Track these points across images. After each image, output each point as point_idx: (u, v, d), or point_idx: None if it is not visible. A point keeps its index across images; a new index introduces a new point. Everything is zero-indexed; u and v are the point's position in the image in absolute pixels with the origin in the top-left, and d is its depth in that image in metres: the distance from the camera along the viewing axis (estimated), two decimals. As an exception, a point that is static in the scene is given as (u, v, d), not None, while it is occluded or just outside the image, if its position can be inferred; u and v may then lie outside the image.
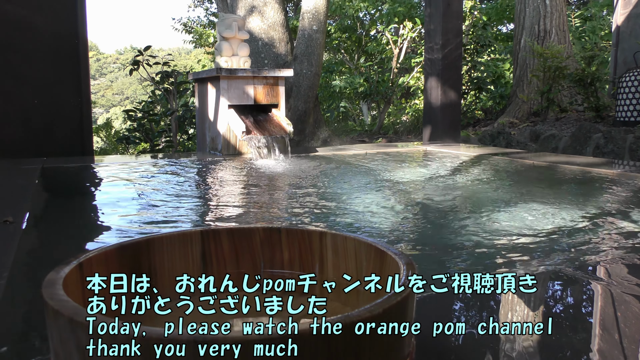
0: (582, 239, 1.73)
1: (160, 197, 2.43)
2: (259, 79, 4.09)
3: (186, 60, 32.71)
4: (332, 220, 2.02)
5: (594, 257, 1.54)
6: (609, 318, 1.22)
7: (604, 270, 1.46)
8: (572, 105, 7.14)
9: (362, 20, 11.62)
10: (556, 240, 1.72)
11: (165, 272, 0.89)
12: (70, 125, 4.81)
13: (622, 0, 6.60)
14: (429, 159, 4.05)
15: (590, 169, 3.16)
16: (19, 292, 1.16)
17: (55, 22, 4.63)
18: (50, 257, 1.57)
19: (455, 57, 5.25)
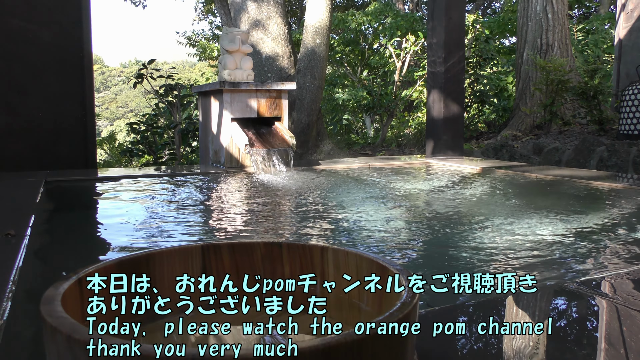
0: (586, 253, 1.72)
1: (162, 211, 2.43)
2: (262, 92, 4.11)
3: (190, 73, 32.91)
4: (334, 234, 2.02)
5: (598, 272, 1.53)
6: (615, 333, 1.20)
7: (609, 285, 1.44)
8: (575, 118, 7.14)
9: (365, 34, 11.68)
10: (560, 254, 1.71)
11: (166, 287, 0.89)
12: (74, 138, 4.83)
13: (624, 14, 6.63)
14: (432, 172, 4.05)
15: (595, 183, 3.15)
16: (20, 307, 1.16)
17: (61, 36, 4.66)
18: (52, 271, 1.56)
19: (457, 70, 5.26)
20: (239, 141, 3.85)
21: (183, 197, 2.94)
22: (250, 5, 6.43)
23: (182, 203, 2.72)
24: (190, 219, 2.34)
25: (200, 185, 3.36)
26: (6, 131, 4.05)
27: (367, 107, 9.24)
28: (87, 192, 3.11)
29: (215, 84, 4.02)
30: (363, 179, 3.58)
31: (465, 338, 1.03)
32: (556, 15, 7.65)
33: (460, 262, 1.62)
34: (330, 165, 4.30)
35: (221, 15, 15.18)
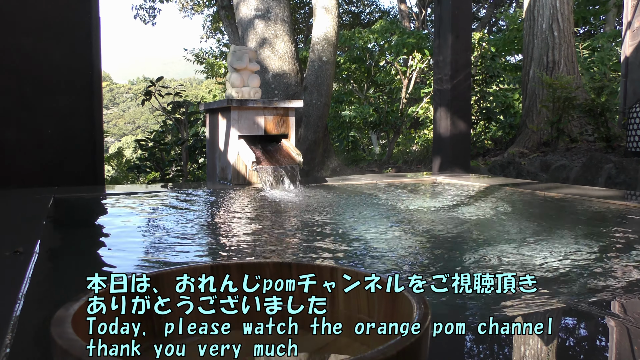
0: (596, 274, 1.70)
1: (170, 228, 2.43)
2: (269, 109, 4.13)
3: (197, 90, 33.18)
4: (343, 253, 2.01)
5: (608, 292, 1.52)
6: (626, 353, 1.19)
7: (619, 306, 1.43)
8: (582, 135, 7.13)
9: (371, 51, 11.76)
10: (569, 274, 1.70)
11: (174, 307, 0.88)
12: (83, 154, 4.86)
13: (629, 32, 6.64)
14: (439, 190, 4.04)
15: (603, 201, 3.13)
16: (29, 327, 1.16)
17: (71, 54, 4.72)
18: (60, 289, 1.56)
19: (464, 88, 5.28)
20: (246, 158, 3.86)
21: (190, 214, 2.95)
22: (258, 23, 6.50)
23: (189, 220, 2.73)
24: (198, 236, 2.34)
25: (207, 202, 3.36)
26: (16, 147, 4.08)
27: (373, 124, 9.27)
28: (95, 209, 3.12)
29: (223, 101, 4.05)
30: (370, 197, 3.58)
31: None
32: (562, 33, 7.68)
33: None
34: (337, 182, 4.30)
35: (229, 33, 15.34)
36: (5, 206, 2.87)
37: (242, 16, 6.68)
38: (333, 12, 6.68)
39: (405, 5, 20.56)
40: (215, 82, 15.43)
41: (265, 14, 6.50)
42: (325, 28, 6.64)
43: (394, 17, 22.66)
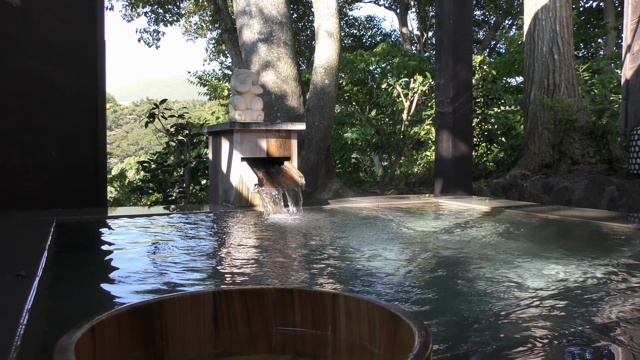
0: (600, 298, 1.69)
1: (173, 252, 2.43)
2: (271, 132, 4.16)
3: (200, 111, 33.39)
4: (344, 278, 2.00)
5: (613, 317, 1.51)
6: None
7: (624, 331, 1.42)
8: (584, 157, 7.14)
9: (373, 74, 11.85)
10: (573, 298, 1.69)
11: (177, 334, 0.88)
12: (86, 176, 4.88)
13: (629, 55, 6.69)
14: (442, 212, 4.04)
15: (606, 224, 3.13)
16: (31, 353, 1.15)
17: (76, 76, 4.77)
18: (62, 314, 1.56)
19: (465, 110, 5.31)
20: (249, 181, 3.87)
21: (193, 237, 2.95)
22: (261, 47, 6.57)
23: (192, 243, 2.73)
24: (200, 260, 2.33)
25: (209, 225, 3.37)
26: (20, 169, 4.11)
27: (375, 146, 9.30)
28: (97, 232, 3.12)
29: (226, 124, 4.08)
30: (372, 219, 3.58)
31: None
32: (562, 56, 7.75)
33: (473, 309, 1.60)
34: (339, 204, 4.30)
35: (232, 56, 15.51)
36: (8, 228, 2.87)
37: (245, 40, 6.76)
38: (335, 35, 6.75)
39: (406, 29, 20.79)
40: (218, 104, 15.54)
41: (268, 38, 6.58)
42: (327, 51, 6.71)
43: (395, 40, 22.90)
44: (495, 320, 1.48)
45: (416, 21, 22.46)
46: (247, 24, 6.70)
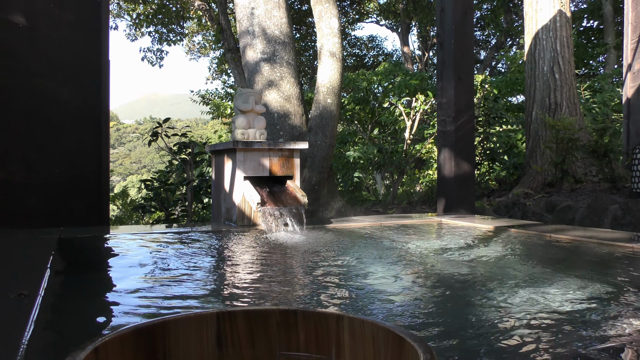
0: (604, 320, 1.68)
1: (175, 272, 2.43)
2: (274, 151, 4.17)
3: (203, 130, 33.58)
4: (348, 298, 1.99)
5: (618, 339, 1.49)
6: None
7: (630, 354, 1.40)
8: (586, 176, 7.13)
9: (375, 93, 11.93)
10: (577, 319, 1.67)
11: (181, 355, 0.88)
12: (88, 194, 4.89)
13: (630, 74, 6.73)
14: (445, 232, 4.03)
15: (610, 243, 3.11)
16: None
17: (80, 95, 4.81)
18: (65, 334, 1.55)
19: (467, 129, 5.32)
20: (251, 199, 3.88)
21: (196, 256, 2.94)
22: (264, 66, 6.63)
23: (194, 262, 2.72)
24: (202, 279, 2.33)
25: (212, 244, 3.36)
26: (23, 187, 4.12)
27: (377, 165, 9.31)
28: (99, 251, 3.12)
29: (229, 143, 4.10)
30: (375, 239, 3.57)
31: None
32: (563, 75, 7.79)
33: (478, 330, 1.59)
34: (341, 223, 4.29)
35: (235, 75, 15.63)
36: (11, 247, 2.87)
37: (248, 59, 6.82)
38: (338, 55, 6.81)
39: (408, 48, 20.97)
40: (221, 123, 15.62)
41: (271, 57, 6.64)
42: (330, 71, 6.76)
43: (397, 59, 23.07)
44: (500, 342, 1.47)
45: (417, 41, 22.66)
46: (250, 44, 6.76)
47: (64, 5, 4.58)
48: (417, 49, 23.02)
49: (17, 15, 4.07)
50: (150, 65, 18.53)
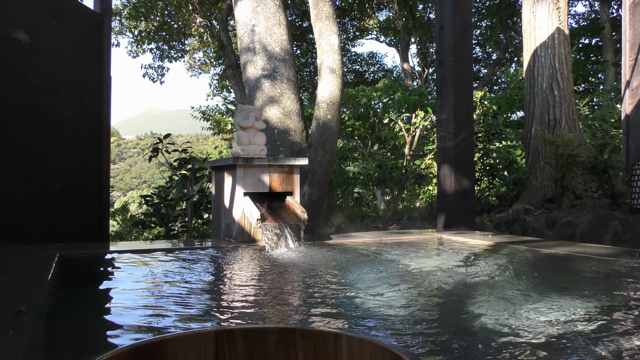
0: (607, 336, 1.67)
1: (173, 288, 2.42)
2: (274, 167, 4.18)
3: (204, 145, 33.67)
4: (347, 316, 1.99)
5: (619, 356, 1.49)
6: None
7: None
8: (586, 192, 7.14)
9: (375, 108, 11.98)
10: (576, 338, 1.67)
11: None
12: (89, 209, 4.90)
13: (628, 91, 6.76)
14: (445, 248, 4.02)
15: (612, 259, 3.11)
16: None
17: (82, 111, 4.84)
18: (64, 352, 1.54)
19: (467, 145, 5.34)
20: (251, 215, 3.88)
21: (195, 273, 2.94)
22: (265, 83, 6.67)
23: (194, 279, 2.71)
24: (201, 296, 2.32)
25: (212, 261, 3.35)
26: (23, 202, 4.12)
27: (377, 180, 9.32)
28: (99, 267, 3.11)
29: (229, 159, 4.11)
30: (375, 255, 3.56)
31: None
32: (562, 92, 7.83)
33: (479, 349, 1.58)
34: (341, 240, 4.29)
35: (235, 91, 15.72)
36: (10, 263, 2.87)
37: (249, 75, 6.86)
38: (338, 72, 6.85)
39: (407, 64, 21.10)
40: (221, 139, 15.68)
41: (271, 74, 6.68)
42: (330, 87, 6.80)
43: (397, 75, 23.20)
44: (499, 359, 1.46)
45: (417, 57, 22.82)
46: (251, 61, 6.82)
47: (66, 23, 4.63)
48: (416, 65, 23.17)
49: (21, 32, 4.11)
50: (152, 82, 18.65)
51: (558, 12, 7.97)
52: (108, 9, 5.21)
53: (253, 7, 6.81)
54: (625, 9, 6.69)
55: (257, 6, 6.80)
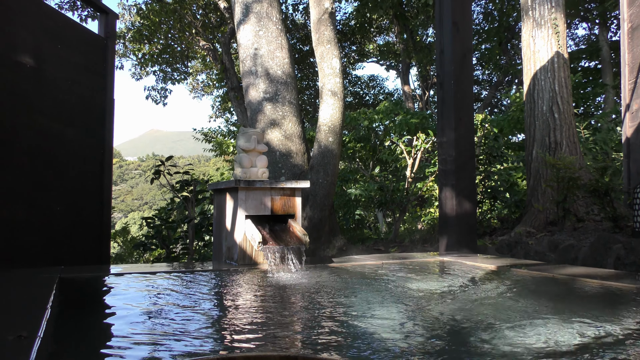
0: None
1: (174, 313, 2.41)
2: (276, 190, 4.19)
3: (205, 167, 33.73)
4: (349, 342, 1.97)
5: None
6: None
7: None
8: (588, 215, 7.12)
9: (376, 131, 12.04)
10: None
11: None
12: (90, 232, 4.89)
13: (629, 114, 6.80)
14: (447, 271, 4.00)
15: (615, 284, 3.09)
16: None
17: (85, 134, 4.87)
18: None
19: (468, 168, 5.35)
20: (253, 238, 3.87)
21: (196, 296, 2.92)
22: (267, 105, 6.72)
23: (194, 303, 2.70)
24: (201, 321, 2.30)
25: (212, 284, 3.34)
26: (24, 225, 4.12)
27: (379, 203, 9.32)
28: (100, 290, 3.10)
29: (231, 181, 4.12)
30: (377, 279, 3.54)
31: None
32: (562, 115, 7.87)
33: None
34: (343, 262, 4.27)
35: (237, 114, 15.82)
36: (10, 287, 2.85)
37: (251, 98, 6.91)
38: (339, 95, 6.90)
39: (408, 87, 21.26)
40: (223, 160, 15.73)
41: (273, 97, 6.73)
42: (331, 110, 6.84)
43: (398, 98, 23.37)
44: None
45: (417, 80, 23.00)
46: (253, 84, 6.87)
47: (71, 48, 4.69)
48: (417, 88, 23.35)
49: (26, 56, 4.16)
50: (155, 104, 18.78)
51: (557, 36, 8.06)
52: (112, 33, 5.28)
53: (255, 31, 6.90)
54: (624, 33, 6.76)
55: (259, 30, 6.89)
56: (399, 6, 18.75)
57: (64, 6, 14.34)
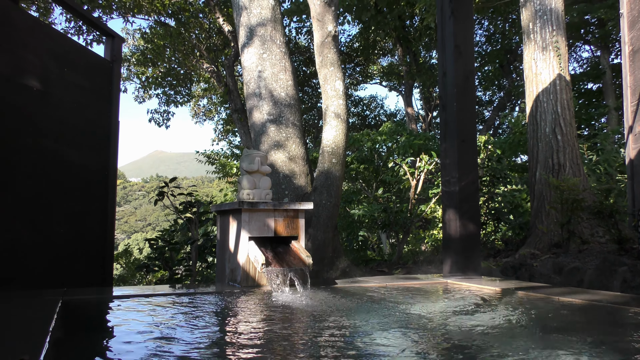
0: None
1: (177, 336, 2.39)
2: (279, 211, 4.19)
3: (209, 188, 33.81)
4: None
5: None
6: None
7: None
8: (593, 237, 7.08)
9: (380, 152, 12.07)
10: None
11: None
12: (93, 254, 4.88)
13: (632, 136, 6.81)
14: (451, 294, 3.97)
15: (622, 307, 3.06)
16: None
17: (89, 156, 4.90)
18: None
19: (472, 190, 5.34)
20: (256, 260, 3.86)
21: (199, 319, 2.90)
22: (270, 127, 6.75)
23: (197, 326, 2.68)
24: (204, 344, 2.29)
25: (215, 306, 3.32)
26: (28, 247, 4.12)
27: (383, 224, 9.30)
28: (102, 313, 3.09)
29: (234, 203, 4.12)
30: (381, 301, 3.52)
31: None
32: (565, 137, 7.89)
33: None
34: (347, 284, 4.25)
35: (241, 135, 15.91)
36: (12, 309, 2.84)
37: (255, 120, 6.95)
38: (342, 117, 6.94)
39: (411, 109, 21.37)
40: (226, 182, 15.76)
41: (277, 119, 6.77)
42: (334, 132, 6.87)
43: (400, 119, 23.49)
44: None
45: (420, 101, 23.14)
46: (256, 106, 6.92)
47: (77, 71, 4.74)
48: (420, 109, 23.47)
49: (33, 79, 4.21)
50: (157, 127, 18.90)
51: (559, 58, 8.12)
52: (118, 57, 5.34)
53: (259, 54, 6.97)
54: (625, 56, 6.81)
55: (263, 53, 6.96)
56: (402, 29, 18.96)
57: (69, 31, 14.54)
